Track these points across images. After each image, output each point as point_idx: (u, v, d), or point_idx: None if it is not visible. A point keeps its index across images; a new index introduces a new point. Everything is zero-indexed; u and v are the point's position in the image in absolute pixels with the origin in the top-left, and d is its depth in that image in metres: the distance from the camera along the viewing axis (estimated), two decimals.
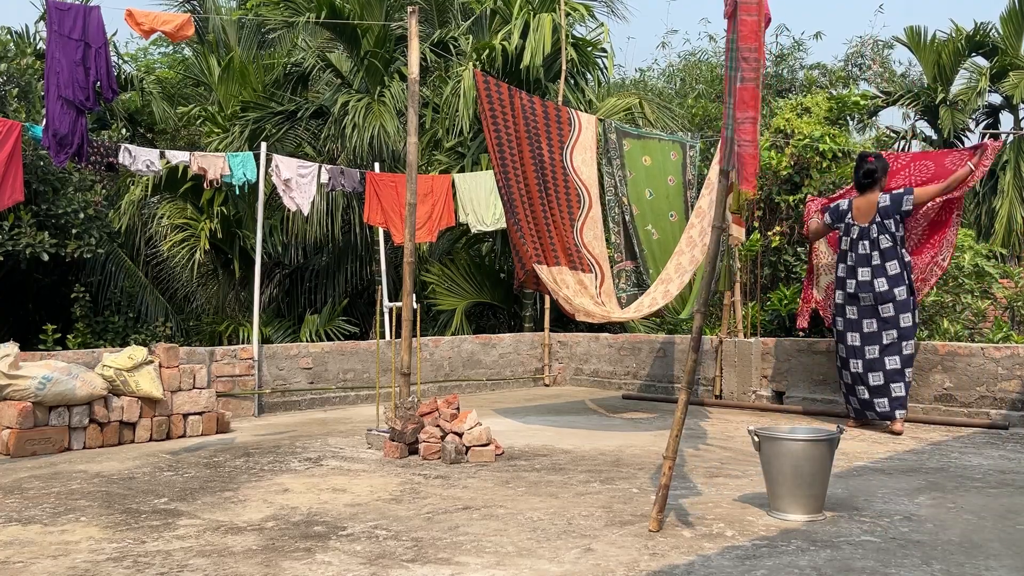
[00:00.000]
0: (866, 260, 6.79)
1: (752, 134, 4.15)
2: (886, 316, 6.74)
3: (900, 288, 6.72)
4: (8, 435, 6.12)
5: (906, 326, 6.73)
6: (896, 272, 6.73)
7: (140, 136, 13.58)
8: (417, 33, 6.77)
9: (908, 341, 6.75)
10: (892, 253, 6.74)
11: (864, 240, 6.81)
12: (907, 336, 6.75)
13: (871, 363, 6.81)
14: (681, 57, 22.53)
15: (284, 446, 6.50)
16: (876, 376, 6.80)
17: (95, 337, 10.77)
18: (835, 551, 3.79)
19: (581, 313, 7.37)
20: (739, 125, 4.16)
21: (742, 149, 4.15)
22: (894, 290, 6.72)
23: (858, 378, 6.89)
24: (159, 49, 19.68)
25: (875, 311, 6.78)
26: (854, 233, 6.88)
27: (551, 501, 4.72)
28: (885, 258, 6.74)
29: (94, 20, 6.79)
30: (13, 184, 7.11)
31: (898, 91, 17.49)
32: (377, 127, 11.36)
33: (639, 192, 8.48)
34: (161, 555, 3.81)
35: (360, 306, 12.91)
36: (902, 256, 6.78)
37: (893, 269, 6.73)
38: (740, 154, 4.16)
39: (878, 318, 6.77)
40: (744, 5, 4.19)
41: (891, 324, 6.74)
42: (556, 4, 11.32)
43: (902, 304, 6.73)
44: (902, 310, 6.73)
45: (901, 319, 6.73)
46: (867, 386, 6.85)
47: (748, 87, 4.17)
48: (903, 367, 6.76)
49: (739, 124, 4.16)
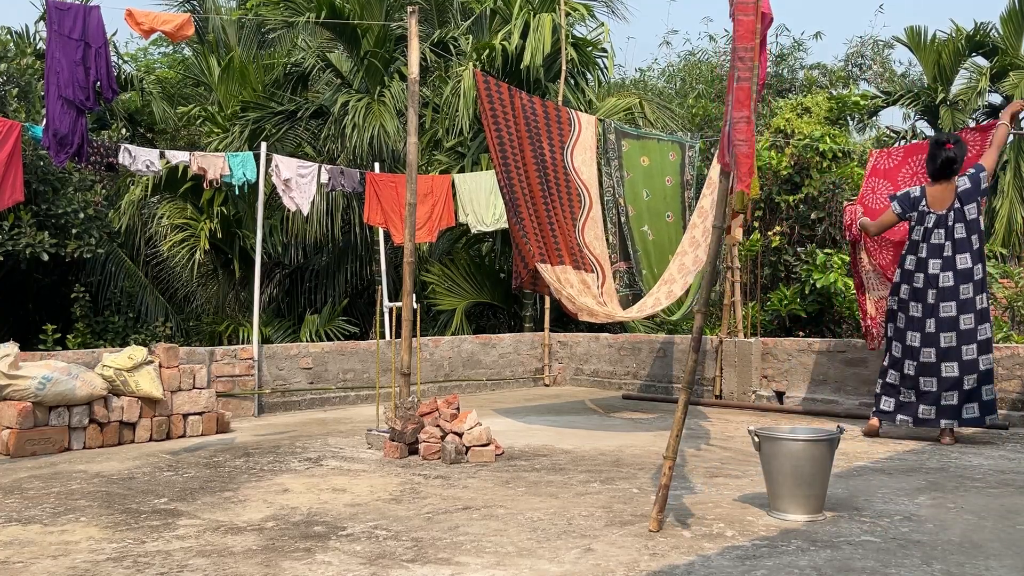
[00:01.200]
0: (937, 251, 6.26)
1: (746, 133, 4.15)
2: (945, 316, 6.20)
3: (966, 285, 6.17)
4: (8, 435, 6.12)
5: (966, 328, 6.17)
6: (966, 267, 6.18)
7: (140, 136, 13.59)
8: (417, 33, 6.77)
9: (968, 345, 6.17)
10: (965, 245, 6.20)
11: (940, 229, 6.27)
12: (967, 339, 6.17)
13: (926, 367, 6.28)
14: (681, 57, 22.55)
15: (284, 446, 6.50)
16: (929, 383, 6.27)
17: (95, 337, 10.77)
18: (835, 551, 3.79)
19: (584, 312, 7.37)
20: (735, 124, 4.17)
21: (737, 149, 4.15)
22: (960, 287, 6.18)
23: (908, 380, 6.37)
24: (159, 49, 19.68)
25: (935, 309, 6.22)
26: (929, 222, 6.31)
27: (551, 501, 4.72)
28: (957, 249, 6.21)
29: (94, 20, 6.79)
30: (13, 184, 7.11)
31: (898, 91, 17.49)
32: (377, 127, 11.36)
33: (636, 192, 8.48)
34: (161, 555, 3.81)
35: (360, 306, 12.91)
36: (975, 248, 6.21)
37: (963, 263, 6.19)
38: (736, 154, 4.17)
39: (936, 317, 6.22)
40: (741, 5, 4.18)
41: (951, 326, 6.20)
42: (556, 4, 11.31)
43: (964, 304, 6.17)
44: (963, 310, 6.18)
45: (962, 320, 6.18)
46: (917, 391, 6.31)
47: (744, 86, 4.17)
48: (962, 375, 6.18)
49: (735, 124, 4.17)
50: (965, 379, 6.20)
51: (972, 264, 6.20)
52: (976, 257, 6.21)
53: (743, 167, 4.14)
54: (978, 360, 6.19)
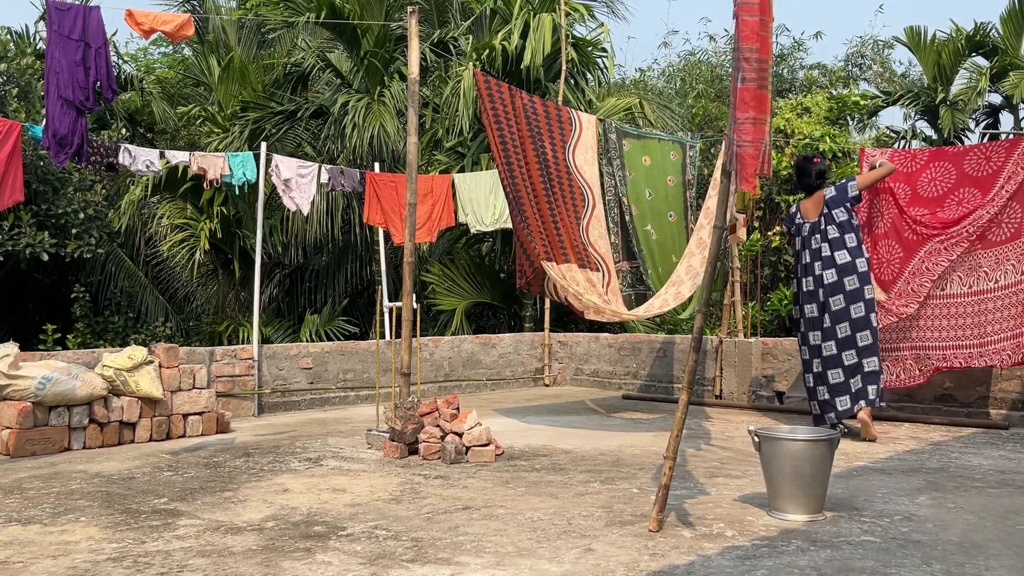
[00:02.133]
0: (817, 254, 6.69)
1: (752, 134, 4.15)
2: (836, 309, 6.55)
3: (850, 277, 6.54)
4: (8, 435, 6.12)
5: (858, 316, 6.52)
6: (845, 261, 6.57)
7: (140, 136, 13.58)
8: (417, 33, 6.77)
9: (861, 332, 6.53)
10: (840, 243, 6.61)
11: (815, 235, 6.71)
12: (860, 327, 6.53)
13: (829, 360, 6.62)
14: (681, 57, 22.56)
15: (284, 446, 6.50)
16: (836, 373, 6.59)
17: (95, 337, 10.77)
18: (835, 551, 3.79)
19: (591, 310, 7.36)
20: (738, 125, 4.17)
21: (741, 149, 4.15)
22: (843, 279, 6.56)
23: (819, 378, 6.70)
24: (159, 49, 19.66)
25: (826, 306, 6.60)
26: (805, 231, 6.79)
27: (551, 501, 4.72)
28: (834, 248, 6.61)
29: (94, 20, 6.79)
30: (13, 184, 7.10)
31: (898, 91, 17.47)
32: (377, 127, 11.35)
33: (639, 192, 8.48)
34: (161, 555, 3.81)
35: (360, 306, 12.91)
36: (852, 245, 6.60)
37: (842, 258, 6.59)
38: (740, 154, 4.17)
39: (829, 312, 6.59)
40: (745, 5, 4.19)
41: (842, 317, 6.55)
42: (556, 4, 11.31)
43: (851, 294, 6.53)
44: (852, 300, 6.53)
45: (852, 310, 6.53)
46: (827, 386, 6.64)
47: (749, 87, 4.17)
48: (860, 359, 6.52)
49: (738, 124, 4.17)
50: (864, 363, 6.54)
51: (852, 258, 6.60)
52: (854, 252, 6.62)
53: (747, 168, 4.15)
54: (873, 345, 6.55)
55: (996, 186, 6.93)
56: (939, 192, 7.15)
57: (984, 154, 7.05)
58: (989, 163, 6.99)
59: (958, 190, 7.09)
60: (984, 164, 7.01)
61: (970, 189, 7.05)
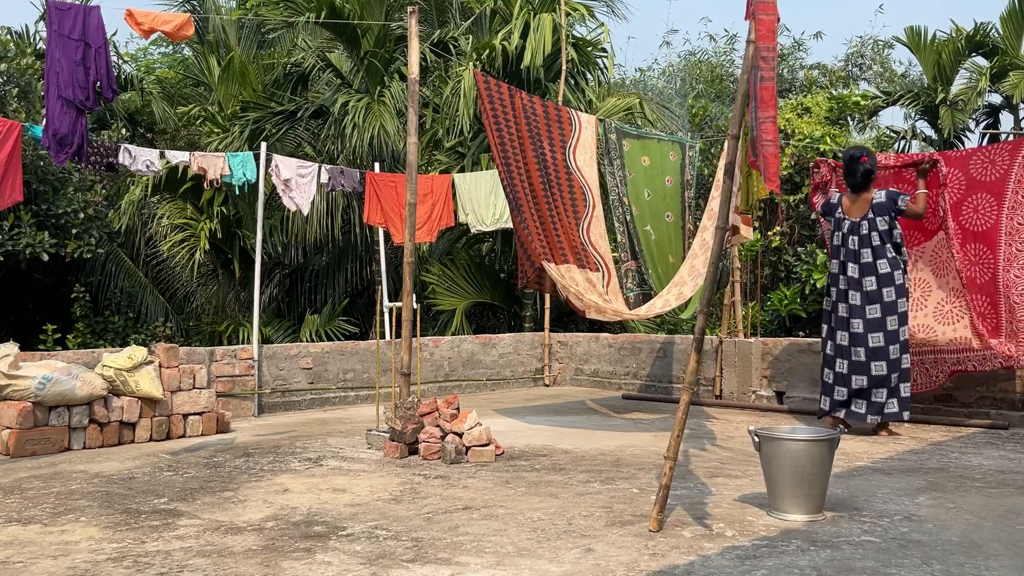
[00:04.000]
0: (854, 256, 6.64)
1: (772, 133, 4.17)
2: (872, 318, 6.56)
3: (888, 288, 6.54)
4: (8, 435, 6.12)
5: (892, 329, 6.53)
6: (886, 272, 6.55)
7: (140, 136, 13.58)
8: (417, 33, 6.76)
9: (893, 345, 6.53)
10: (881, 252, 6.57)
11: (854, 235, 6.65)
12: (892, 340, 6.54)
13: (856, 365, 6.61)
14: (681, 57, 22.56)
15: (284, 446, 6.50)
16: (860, 380, 6.57)
17: (95, 337, 10.78)
18: (835, 551, 3.79)
19: (592, 310, 7.36)
20: (762, 124, 4.17)
21: (765, 148, 4.15)
22: (882, 290, 6.55)
23: (841, 379, 6.68)
24: (159, 49, 19.66)
25: (862, 311, 6.58)
26: (844, 227, 6.72)
27: (551, 501, 4.72)
28: (876, 256, 6.58)
29: (94, 20, 6.79)
30: (13, 184, 7.10)
31: (898, 91, 17.47)
32: (377, 127, 11.35)
33: (638, 192, 8.49)
34: (161, 555, 3.81)
35: (360, 306, 12.91)
36: (891, 255, 6.58)
37: (883, 268, 6.56)
38: (763, 154, 4.17)
39: (864, 319, 6.58)
40: (761, 4, 4.19)
41: (877, 327, 6.54)
42: (556, 4, 11.32)
43: (888, 306, 6.53)
44: (888, 312, 6.53)
45: (888, 322, 6.53)
46: (849, 388, 6.62)
47: (767, 86, 4.18)
48: (889, 373, 6.53)
49: (762, 123, 4.17)
50: (891, 376, 6.57)
51: (891, 270, 6.58)
52: (894, 264, 6.60)
53: (771, 167, 4.16)
54: (901, 359, 6.59)
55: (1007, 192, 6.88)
56: (954, 199, 7.07)
57: (988, 157, 7.01)
58: (994, 167, 6.95)
59: (971, 196, 7.02)
60: (990, 168, 6.97)
61: (983, 195, 6.98)
